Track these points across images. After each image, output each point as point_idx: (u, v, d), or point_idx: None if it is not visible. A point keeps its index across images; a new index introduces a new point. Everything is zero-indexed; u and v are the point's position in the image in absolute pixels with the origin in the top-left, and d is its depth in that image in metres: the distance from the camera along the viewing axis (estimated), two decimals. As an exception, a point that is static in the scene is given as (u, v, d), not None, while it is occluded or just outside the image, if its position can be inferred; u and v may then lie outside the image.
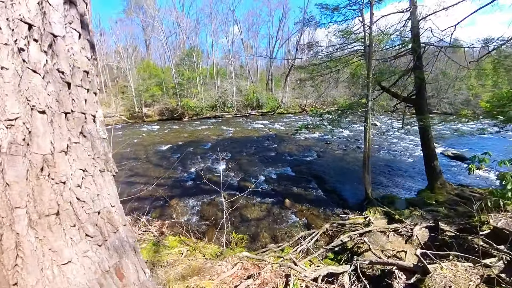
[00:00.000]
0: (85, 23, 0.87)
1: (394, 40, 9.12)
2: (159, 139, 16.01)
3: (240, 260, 3.61)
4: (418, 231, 4.29)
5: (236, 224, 5.94)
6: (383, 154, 11.35)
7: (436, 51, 8.05)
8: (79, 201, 0.75)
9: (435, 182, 6.92)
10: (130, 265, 0.90)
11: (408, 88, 8.97)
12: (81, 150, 0.79)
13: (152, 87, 26.73)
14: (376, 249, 3.87)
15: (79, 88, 0.80)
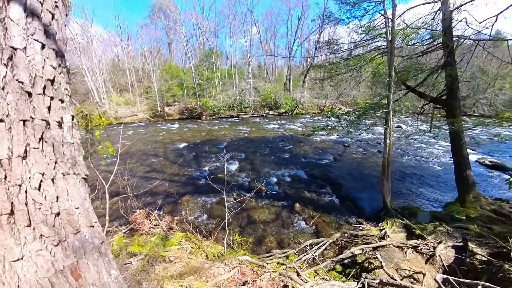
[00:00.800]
0: (51, 33, 0.91)
1: (422, 34, 8.33)
2: (177, 137, 16.57)
3: (239, 264, 3.50)
4: (442, 250, 3.80)
5: (243, 226, 5.84)
6: (407, 160, 10.44)
7: (473, 45, 7.16)
8: (36, 203, 0.79)
9: (467, 195, 6.14)
10: (91, 266, 0.93)
11: (438, 88, 8.13)
12: (40, 155, 0.83)
13: (174, 87, 27.83)
14: (390, 266, 3.49)
15: (40, 96, 0.84)
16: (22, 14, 0.79)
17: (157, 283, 3.16)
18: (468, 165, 6.41)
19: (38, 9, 0.86)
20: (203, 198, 7.34)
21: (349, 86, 10.85)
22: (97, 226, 1.04)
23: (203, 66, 27.98)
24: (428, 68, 7.59)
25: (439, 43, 7.22)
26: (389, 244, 4.02)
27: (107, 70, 32.45)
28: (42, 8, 0.88)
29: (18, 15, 0.78)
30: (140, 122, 26.47)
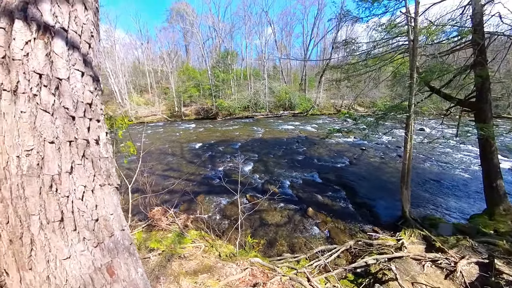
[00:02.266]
0: (88, 61, 1.03)
1: (448, 31, 7.83)
2: (194, 137, 17.06)
3: (250, 265, 3.58)
4: (464, 266, 3.56)
5: (255, 227, 5.91)
6: (430, 166, 9.85)
7: (508, 41, 6.59)
8: (80, 211, 0.94)
9: (497, 207, 5.67)
10: (122, 264, 1.07)
11: (466, 89, 7.60)
12: (83, 170, 0.98)
13: (190, 88, 28.67)
14: (405, 279, 3.36)
15: (81, 119, 0.98)
16: (65, 47, 0.91)
17: (174, 279, 3.32)
18: (499, 174, 5.91)
19: (77, 41, 0.97)
20: (217, 198, 7.52)
21: (367, 87, 10.50)
22: (127, 229, 1.18)
23: (219, 67, 28.49)
24: (455, 68, 7.11)
25: (467, 41, 6.74)
26: (405, 256, 3.86)
27: (128, 72, 34.25)
28: (80, 39, 0.99)
29: (61, 49, 0.90)
30: (158, 121, 27.62)
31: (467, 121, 7.71)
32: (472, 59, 6.47)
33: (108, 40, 29.14)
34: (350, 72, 9.67)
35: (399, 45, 8.34)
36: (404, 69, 8.32)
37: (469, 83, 7.18)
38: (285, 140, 14.52)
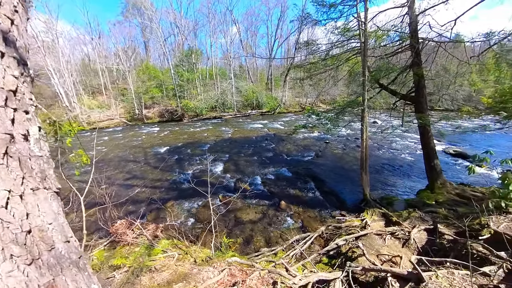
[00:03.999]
0: (10, 41, 0.86)
1: (392, 36, 8.93)
2: (158, 141, 16.00)
3: (228, 265, 3.51)
4: (415, 234, 4.12)
5: (230, 227, 5.84)
6: (384, 153, 11.15)
7: (436, 46, 7.86)
8: (4, 222, 0.76)
9: (435, 182, 6.72)
10: (70, 282, 0.91)
11: (408, 86, 8.78)
12: (6, 171, 0.80)
13: (152, 89, 26.79)
14: (371, 253, 3.72)
15: (2, 109, 0.80)
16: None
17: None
18: (435, 155, 7.03)
19: (-7, 15, 0.78)
20: (188, 202, 7.20)
21: (327, 85, 11.30)
22: (74, 240, 1.02)
23: (183, 66, 27.27)
24: (398, 68, 8.18)
25: (406, 45, 7.81)
26: (369, 233, 4.27)
27: (76, 71, 30.26)
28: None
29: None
30: (116, 126, 25.11)
31: (409, 113, 8.93)
32: (411, 60, 7.55)
33: (48, 32, 25.15)
34: (311, 71, 10.29)
35: (353, 47, 9.20)
36: (358, 68, 9.20)
37: (409, 81, 8.30)
38: (254, 138, 14.70)
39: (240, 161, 10.29)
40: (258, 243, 5.14)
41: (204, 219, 6.33)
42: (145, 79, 27.04)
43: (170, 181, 9.19)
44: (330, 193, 6.93)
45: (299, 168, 9.08)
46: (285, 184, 7.59)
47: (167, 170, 10.19)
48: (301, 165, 9.42)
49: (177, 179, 9.14)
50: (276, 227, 5.47)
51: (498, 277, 2.50)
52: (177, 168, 10.36)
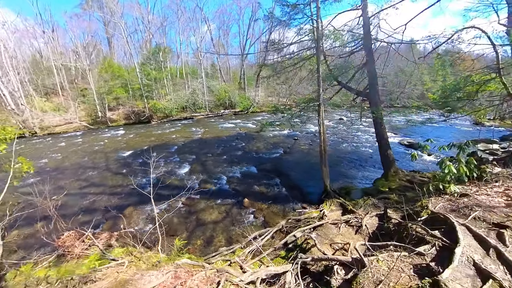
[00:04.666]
0: None
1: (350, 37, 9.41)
2: (122, 145, 14.88)
3: (176, 268, 3.32)
4: (368, 220, 4.30)
5: (191, 229, 5.60)
6: (347, 146, 11.74)
7: (387, 47, 8.51)
8: None
9: (389, 170, 7.21)
10: None
11: (365, 83, 9.32)
12: None
13: (116, 88, 24.86)
14: (325, 243, 3.79)
15: None
16: None
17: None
18: (388, 146, 7.55)
19: None
20: (149, 206, 6.76)
21: (293, 83, 11.55)
22: None
23: (150, 64, 25.79)
24: (354, 66, 8.66)
25: (361, 45, 8.30)
26: (325, 223, 4.37)
27: (25, 68, 26.79)
28: None
29: None
30: (76, 130, 22.78)
31: (365, 108, 9.51)
32: (365, 59, 8.03)
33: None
34: (278, 69, 10.44)
35: (312, 47, 9.52)
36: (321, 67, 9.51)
37: (365, 78, 8.83)
38: (225, 138, 14.43)
39: (208, 161, 9.99)
40: (219, 242, 5.00)
41: (165, 223, 5.96)
42: (107, 78, 24.97)
43: (131, 186, 8.57)
44: (294, 187, 7.03)
45: (266, 165, 9.11)
46: (251, 182, 7.52)
47: (129, 175, 9.48)
48: (269, 162, 9.46)
49: (138, 184, 8.55)
50: (238, 225, 5.36)
51: (431, 255, 2.68)
52: (139, 173, 9.71)
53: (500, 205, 3.58)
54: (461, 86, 8.92)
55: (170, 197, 7.27)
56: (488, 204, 3.62)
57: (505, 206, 3.53)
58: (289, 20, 6.85)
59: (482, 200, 3.81)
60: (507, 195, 3.91)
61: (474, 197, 3.93)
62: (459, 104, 8.92)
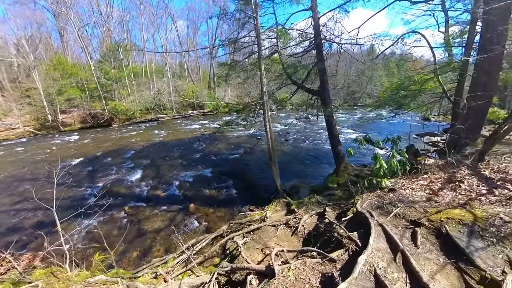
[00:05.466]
0: None
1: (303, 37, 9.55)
2: (72, 152, 13.41)
3: (87, 286, 2.97)
4: (306, 220, 4.22)
5: (130, 240, 5.16)
6: (308, 144, 12.01)
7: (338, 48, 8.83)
8: None
9: (340, 166, 7.43)
10: None
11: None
12: None
13: (69, 88, 22.46)
14: (257, 248, 3.65)
15: None
16: None
17: None
18: (339, 142, 7.79)
19: None
20: (87, 220, 6.10)
21: (254, 82, 11.45)
22: None
23: (108, 62, 23.78)
24: (305, 65, 8.82)
25: (312, 45, 8.47)
26: (263, 226, 4.24)
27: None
28: None
29: None
30: (20, 137, 20.02)
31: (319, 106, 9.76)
32: (316, 59, 8.20)
33: None
34: (237, 69, 10.26)
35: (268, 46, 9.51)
36: (276, 66, 9.55)
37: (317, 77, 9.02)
38: (187, 140, 13.82)
39: (163, 166, 9.41)
40: (157, 253, 4.67)
41: (99, 236, 5.41)
42: (57, 77, 22.40)
43: (72, 198, 7.75)
44: (246, 188, 6.88)
45: (223, 167, 8.85)
46: (202, 186, 7.20)
47: (72, 186, 8.51)
48: (226, 164, 9.22)
49: (81, 195, 7.74)
50: (180, 233, 5.03)
51: (343, 261, 2.52)
52: (86, 182, 8.80)
53: (422, 199, 3.60)
54: (406, 85, 9.65)
55: (112, 207, 6.69)
56: (411, 199, 3.63)
57: (426, 200, 3.52)
58: (231, 17, 6.65)
59: (405, 195, 3.82)
60: (430, 188, 3.98)
61: (400, 192, 3.97)
62: (405, 102, 9.62)
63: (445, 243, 2.55)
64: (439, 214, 2.95)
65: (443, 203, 3.33)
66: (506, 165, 4.27)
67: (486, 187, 3.56)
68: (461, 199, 3.37)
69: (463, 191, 3.58)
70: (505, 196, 3.19)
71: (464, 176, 4.11)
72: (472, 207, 3.01)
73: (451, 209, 3.06)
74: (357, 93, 32.91)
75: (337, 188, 6.13)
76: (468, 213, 2.87)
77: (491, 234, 2.50)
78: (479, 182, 3.81)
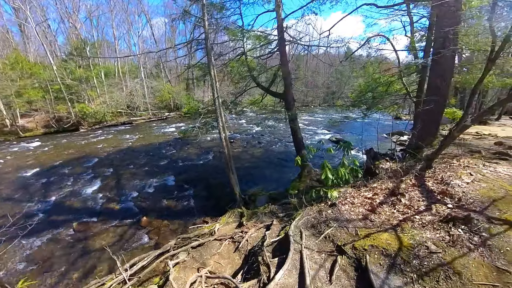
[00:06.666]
0: None
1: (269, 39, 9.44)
2: (28, 162, 12.28)
3: None
4: (253, 234, 4.02)
5: (73, 260, 4.81)
6: (280, 146, 11.98)
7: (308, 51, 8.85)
8: None
9: (303, 171, 7.42)
10: None
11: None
12: None
13: (29, 90, 20.64)
14: (193, 267, 3.46)
15: None
16: None
17: None
18: (303, 146, 7.79)
19: None
20: (31, 240, 5.58)
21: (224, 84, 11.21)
22: None
23: (74, 61, 22.19)
24: (271, 67, 8.75)
25: (276, 47, 8.40)
26: (207, 241, 4.07)
27: None
28: None
29: None
30: (-32, 144, 18.11)
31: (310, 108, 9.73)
32: (279, 61, 8.13)
33: None
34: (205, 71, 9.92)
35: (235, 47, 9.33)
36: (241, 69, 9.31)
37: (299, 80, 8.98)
38: (157, 145, 13.25)
39: (125, 175, 8.88)
40: (100, 273, 4.33)
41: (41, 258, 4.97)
42: (15, 77, 20.46)
43: (17, 216, 7.02)
44: (206, 198, 6.66)
45: (188, 174, 8.54)
46: (162, 196, 6.87)
47: (21, 201, 7.80)
48: (192, 170, 8.91)
49: (32, 211, 7.07)
50: (127, 249, 4.73)
51: None
52: (37, 197, 8.06)
53: (358, 217, 3.27)
54: (373, 87, 9.91)
55: (61, 224, 6.18)
56: (347, 217, 3.31)
57: (362, 219, 3.19)
58: (181, 19, 6.38)
59: (343, 212, 3.49)
60: (370, 203, 3.62)
61: (338, 208, 3.61)
62: (372, 103, 9.88)
63: (362, 279, 2.23)
64: (366, 240, 2.69)
65: (377, 223, 3.06)
66: (450, 174, 4.06)
67: (426, 202, 3.33)
68: (396, 217, 3.10)
69: (401, 207, 3.32)
70: (440, 215, 2.92)
71: (408, 188, 3.88)
72: (403, 230, 2.74)
73: (381, 232, 2.79)
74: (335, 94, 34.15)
75: (295, 196, 6.06)
76: (395, 240, 2.59)
77: (412, 269, 2.19)
78: (420, 195, 3.55)
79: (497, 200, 3.06)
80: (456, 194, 3.34)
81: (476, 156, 5.32)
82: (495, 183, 3.56)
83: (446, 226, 2.67)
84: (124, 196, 7.00)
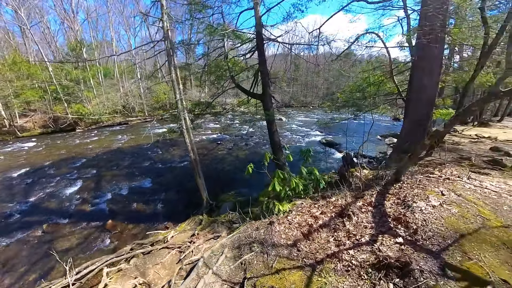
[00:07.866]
0: None
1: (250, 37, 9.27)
2: (20, 162, 12.51)
3: None
4: (200, 245, 3.91)
5: (35, 261, 4.85)
6: (268, 147, 11.77)
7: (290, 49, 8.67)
8: None
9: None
10: None
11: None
12: None
13: (26, 91, 21.05)
14: (131, 275, 3.38)
15: None
16: None
17: None
18: (280, 148, 7.57)
19: None
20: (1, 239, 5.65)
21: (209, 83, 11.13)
22: None
23: (70, 62, 22.48)
24: (250, 66, 8.58)
25: (255, 45, 8.21)
26: (155, 249, 3.99)
27: None
28: None
29: None
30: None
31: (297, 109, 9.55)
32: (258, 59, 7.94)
33: None
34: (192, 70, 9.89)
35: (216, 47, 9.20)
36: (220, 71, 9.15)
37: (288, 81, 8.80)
38: (145, 146, 13.20)
39: (107, 176, 8.92)
40: (58, 274, 4.41)
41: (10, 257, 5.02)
42: (13, 77, 20.89)
43: None
44: (176, 202, 6.59)
45: (166, 176, 8.49)
46: (134, 198, 6.84)
47: (0, 201, 7.92)
48: (170, 173, 8.86)
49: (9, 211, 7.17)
50: (88, 253, 4.71)
51: None
52: (17, 197, 8.17)
53: (288, 242, 2.70)
54: (364, 86, 9.63)
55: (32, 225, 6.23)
56: (275, 241, 2.77)
57: (290, 245, 2.63)
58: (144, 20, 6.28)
59: (274, 233, 2.94)
60: (310, 224, 2.99)
61: (273, 228, 3.08)
62: (362, 103, 9.61)
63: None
64: (272, 277, 2.19)
65: (303, 253, 2.44)
66: (417, 192, 3.15)
67: (373, 231, 2.55)
68: (327, 249, 2.42)
69: (341, 234, 2.63)
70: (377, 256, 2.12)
71: (362, 207, 3.12)
72: (321, 272, 2.11)
73: (296, 269, 2.21)
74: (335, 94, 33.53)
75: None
76: (302, 286, 2.01)
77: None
78: (371, 219, 2.78)
79: (466, 236, 2.21)
80: (414, 223, 2.50)
81: (464, 164, 4.66)
82: (471, 207, 2.68)
83: (375, 276, 1.94)
84: (98, 198, 7.01)
